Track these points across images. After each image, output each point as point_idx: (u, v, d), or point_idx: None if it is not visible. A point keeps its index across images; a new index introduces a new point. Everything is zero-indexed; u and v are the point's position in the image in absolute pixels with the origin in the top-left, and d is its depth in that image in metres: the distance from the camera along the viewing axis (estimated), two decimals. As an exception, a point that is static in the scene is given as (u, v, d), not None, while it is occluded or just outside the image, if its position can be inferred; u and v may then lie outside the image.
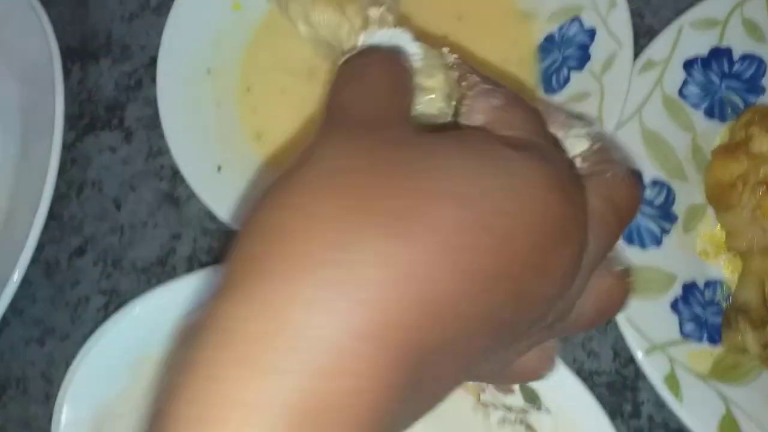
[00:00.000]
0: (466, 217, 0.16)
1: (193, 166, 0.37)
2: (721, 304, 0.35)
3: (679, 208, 0.36)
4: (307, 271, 0.15)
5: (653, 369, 0.33)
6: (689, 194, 0.36)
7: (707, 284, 0.35)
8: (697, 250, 0.36)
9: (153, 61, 0.40)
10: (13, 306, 0.40)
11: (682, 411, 0.32)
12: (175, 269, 0.39)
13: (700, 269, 0.36)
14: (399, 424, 0.18)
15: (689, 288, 0.35)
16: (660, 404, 0.36)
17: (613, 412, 0.35)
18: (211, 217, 0.40)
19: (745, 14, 0.37)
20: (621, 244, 0.35)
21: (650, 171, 0.36)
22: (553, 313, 0.19)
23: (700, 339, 0.34)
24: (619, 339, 0.37)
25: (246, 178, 0.37)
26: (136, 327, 0.35)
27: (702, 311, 0.35)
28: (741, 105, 0.37)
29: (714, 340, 0.34)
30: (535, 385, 0.34)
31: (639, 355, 0.33)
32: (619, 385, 0.36)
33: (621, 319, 0.33)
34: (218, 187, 0.36)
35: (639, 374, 0.36)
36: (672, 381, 0.33)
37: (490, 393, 0.35)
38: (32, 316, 0.40)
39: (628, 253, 0.34)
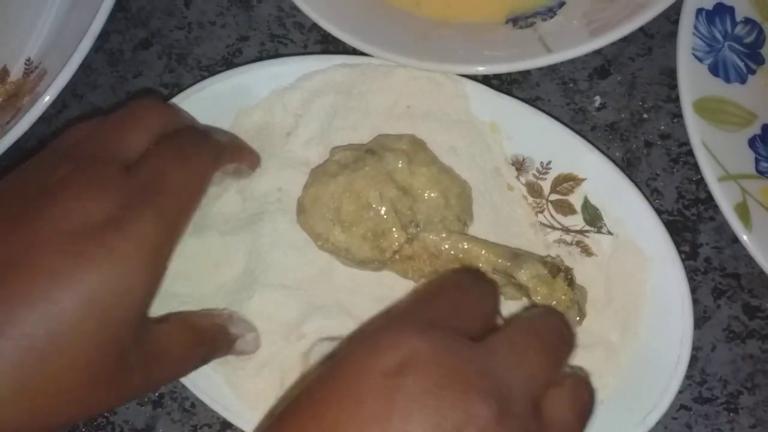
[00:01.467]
0: None
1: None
2: (799, 152, 0.34)
3: (767, 51, 0.35)
4: None
5: (725, 196, 0.32)
6: (779, 40, 0.35)
7: (786, 131, 0.34)
8: (780, 96, 0.35)
9: None
10: (74, 91, 0.40)
11: (750, 241, 0.32)
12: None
13: (780, 115, 0.35)
14: None
15: (768, 129, 0.34)
16: (718, 248, 0.35)
17: (671, 250, 0.35)
18: (281, 22, 0.39)
19: None
20: (706, 75, 0.34)
21: (744, 8, 0.34)
22: None
23: (774, 178, 0.33)
24: (685, 181, 0.36)
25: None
26: (203, 108, 0.34)
27: (779, 154, 0.34)
28: None
29: (787, 184, 0.33)
30: (600, 206, 0.33)
31: (711, 180, 0.32)
32: (680, 226, 0.36)
33: (696, 144, 0.33)
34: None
35: (701, 217, 0.36)
36: (743, 210, 0.32)
37: (549, 214, 0.34)
38: (91, 102, 0.40)
39: (712, 83, 0.33)
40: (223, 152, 0.31)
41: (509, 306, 0.33)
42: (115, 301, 0.24)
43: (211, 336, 0.31)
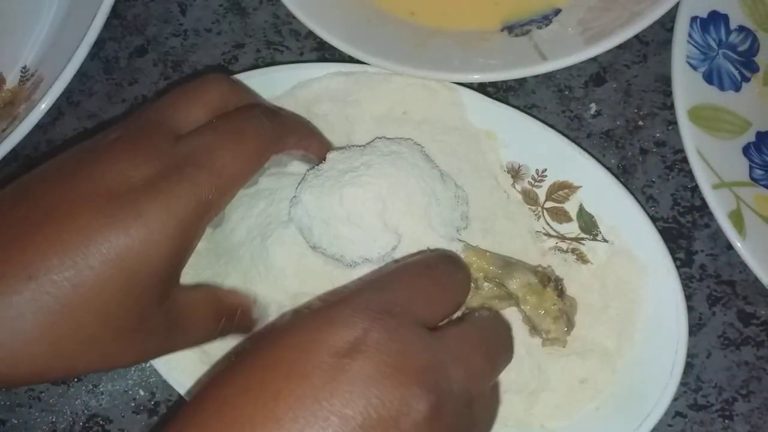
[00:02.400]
0: None
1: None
2: (792, 159, 0.34)
3: (761, 60, 0.35)
4: None
5: (719, 203, 0.32)
6: (773, 48, 0.35)
7: (780, 138, 0.35)
8: (774, 103, 0.35)
9: None
10: (70, 98, 0.40)
11: (743, 248, 0.32)
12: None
13: (775, 122, 0.35)
14: None
15: (763, 137, 0.34)
16: (713, 255, 0.35)
17: (666, 257, 0.35)
18: (277, 29, 0.39)
19: None
20: (700, 83, 0.34)
21: (738, 16, 0.35)
22: None
23: (768, 186, 0.33)
24: (680, 188, 0.36)
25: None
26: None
27: (773, 161, 0.34)
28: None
29: (782, 191, 0.34)
30: (596, 213, 0.33)
31: (706, 188, 0.32)
32: (674, 233, 0.36)
33: (691, 152, 0.33)
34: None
35: (696, 224, 0.36)
36: (737, 217, 0.32)
37: (545, 221, 0.34)
38: (87, 109, 0.40)
39: (706, 91, 0.34)
40: (287, 135, 0.31)
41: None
42: (139, 264, 0.25)
43: (233, 314, 0.31)
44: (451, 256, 0.30)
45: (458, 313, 0.28)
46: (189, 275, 0.32)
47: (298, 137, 0.32)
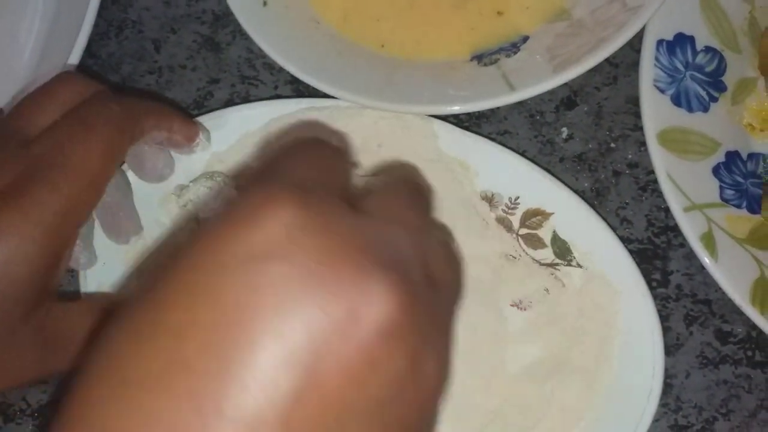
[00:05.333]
0: None
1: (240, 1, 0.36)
2: (763, 177, 0.35)
3: (729, 78, 0.35)
4: None
5: (690, 226, 0.32)
6: (741, 67, 0.36)
7: (750, 156, 0.35)
8: (743, 122, 0.35)
9: None
10: (47, 139, 0.40)
11: (716, 270, 0.32)
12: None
13: (744, 141, 0.35)
14: None
15: (732, 156, 0.34)
16: (689, 275, 0.36)
17: (642, 278, 0.35)
18: (251, 63, 0.40)
19: None
20: (668, 106, 0.34)
21: (704, 36, 0.35)
22: None
23: (739, 206, 0.34)
24: (654, 209, 0.36)
25: (291, 12, 0.36)
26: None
27: (743, 180, 0.34)
28: (802, -19, 0.36)
29: (753, 209, 0.34)
30: (569, 239, 0.34)
31: (677, 211, 0.32)
32: (650, 254, 0.36)
33: (661, 175, 0.33)
34: (263, 22, 0.36)
35: (671, 244, 0.36)
36: (708, 240, 0.32)
37: (520, 248, 0.35)
38: (65, 149, 0.40)
39: (675, 114, 0.34)
40: (142, 118, 0.29)
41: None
42: (0, 274, 0.23)
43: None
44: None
45: None
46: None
47: (156, 118, 0.30)
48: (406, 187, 0.22)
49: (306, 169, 0.20)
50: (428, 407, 0.18)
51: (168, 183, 0.34)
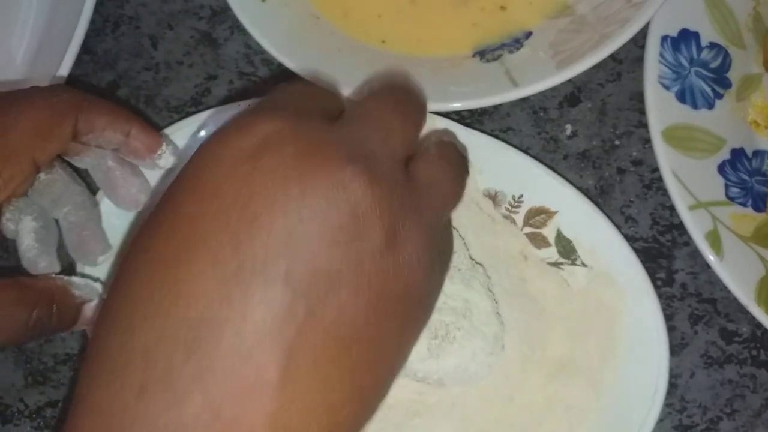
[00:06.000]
0: None
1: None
2: (768, 174, 0.34)
3: (734, 75, 0.35)
4: None
5: (696, 224, 0.32)
6: (746, 63, 0.35)
7: (755, 153, 0.35)
8: (748, 119, 0.35)
9: None
10: (43, 136, 0.39)
11: (721, 268, 0.32)
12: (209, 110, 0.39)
13: (749, 138, 0.35)
14: None
15: (737, 154, 0.34)
16: (694, 273, 0.35)
17: (647, 277, 0.35)
18: (249, 59, 0.39)
19: None
20: (673, 103, 0.34)
21: (709, 33, 0.35)
22: None
23: (744, 204, 0.33)
24: (658, 207, 0.36)
25: (290, 8, 0.36)
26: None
27: (748, 178, 0.34)
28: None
29: (758, 207, 0.34)
30: (573, 238, 0.33)
31: (682, 209, 0.32)
32: (654, 252, 0.36)
33: (666, 173, 0.33)
34: (262, 17, 0.35)
35: (676, 243, 0.36)
36: (714, 238, 0.32)
37: (529, 243, 0.34)
38: (61, 147, 0.39)
39: (680, 110, 0.33)
40: (92, 110, 0.29)
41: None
42: None
43: (47, 298, 0.28)
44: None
45: None
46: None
47: (111, 118, 0.30)
48: (394, 93, 0.25)
49: (291, 99, 0.23)
50: (413, 286, 0.20)
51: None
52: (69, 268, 0.33)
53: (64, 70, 0.37)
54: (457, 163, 0.25)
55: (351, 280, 0.19)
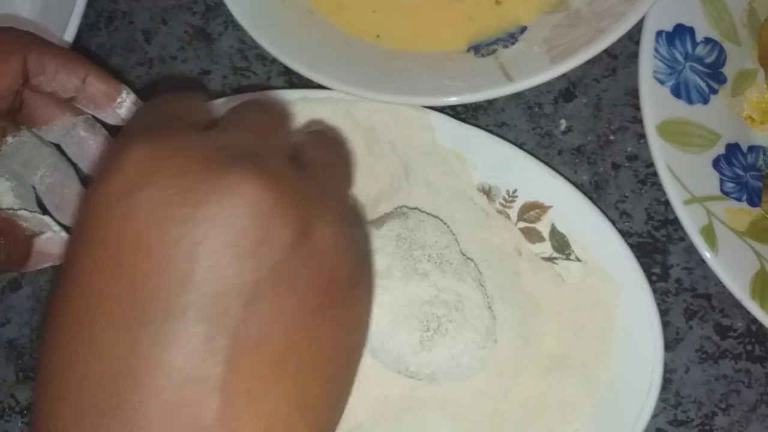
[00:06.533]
0: None
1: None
2: (763, 169, 0.34)
3: (729, 70, 0.35)
4: None
5: (691, 219, 0.32)
6: (741, 59, 0.35)
7: (750, 148, 0.35)
8: (743, 114, 0.35)
9: None
10: (36, 132, 0.39)
11: (716, 263, 0.32)
12: (203, 105, 0.38)
13: (744, 133, 0.35)
14: None
15: (732, 148, 0.34)
16: (689, 268, 0.35)
17: (642, 272, 0.35)
18: (243, 54, 0.39)
19: None
20: (668, 98, 0.34)
21: (703, 28, 0.34)
22: None
23: (739, 198, 0.33)
24: (653, 202, 0.36)
25: (284, 2, 0.35)
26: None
27: (743, 173, 0.34)
28: (802, -29, 0.36)
29: (753, 202, 0.34)
30: (567, 232, 0.33)
31: (677, 204, 0.32)
32: (649, 248, 0.36)
33: (661, 168, 0.33)
34: (256, 12, 0.35)
35: (671, 238, 0.36)
36: (708, 233, 0.32)
37: (523, 238, 0.34)
38: (54, 142, 0.39)
39: (675, 105, 0.33)
40: (34, 50, 0.28)
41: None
42: None
43: None
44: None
45: None
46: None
47: (65, 62, 0.29)
48: (254, 104, 0.24)
49: (156, 114, 0.22)
50: (341, 268, 0.20)
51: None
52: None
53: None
54: (334, 140, 0.27)
55: (269, 287, 0.18)
